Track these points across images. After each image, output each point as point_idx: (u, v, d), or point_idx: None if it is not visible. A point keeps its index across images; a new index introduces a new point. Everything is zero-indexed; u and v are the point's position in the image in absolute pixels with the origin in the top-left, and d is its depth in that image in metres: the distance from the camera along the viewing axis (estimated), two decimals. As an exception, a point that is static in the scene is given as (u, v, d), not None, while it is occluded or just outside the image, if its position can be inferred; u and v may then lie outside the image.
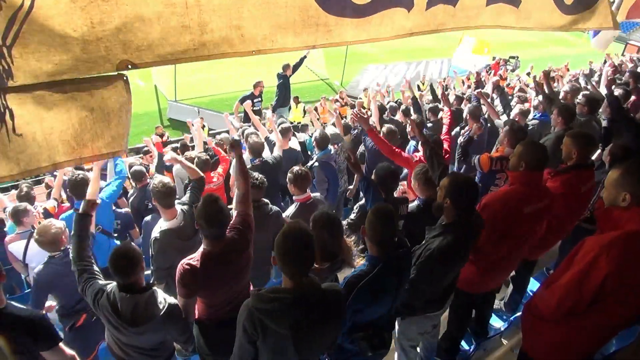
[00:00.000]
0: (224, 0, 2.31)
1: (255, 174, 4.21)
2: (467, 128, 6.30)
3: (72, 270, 3.07)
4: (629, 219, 2.36)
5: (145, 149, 9.55)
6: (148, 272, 4.01)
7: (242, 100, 10.70)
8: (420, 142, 4.43)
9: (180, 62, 2.36)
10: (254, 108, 10.97)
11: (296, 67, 11.86)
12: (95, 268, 3.06)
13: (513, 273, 4.23)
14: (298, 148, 6.83)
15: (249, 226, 3.17)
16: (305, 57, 11.89)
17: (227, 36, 2.41)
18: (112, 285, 2.83)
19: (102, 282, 2.94)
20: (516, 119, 6.55)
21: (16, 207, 4.95)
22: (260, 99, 11.26)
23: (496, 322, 4.41)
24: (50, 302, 3.87)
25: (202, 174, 4.26)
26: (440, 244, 2.91)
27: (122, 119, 2.44)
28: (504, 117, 7.35)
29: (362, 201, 4.02)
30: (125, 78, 2.32)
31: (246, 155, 5.87)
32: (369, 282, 2.57)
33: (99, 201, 3.66)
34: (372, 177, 3.84)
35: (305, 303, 2.23)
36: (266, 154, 5.73)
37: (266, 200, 4.19)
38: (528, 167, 3.23)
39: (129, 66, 2.21)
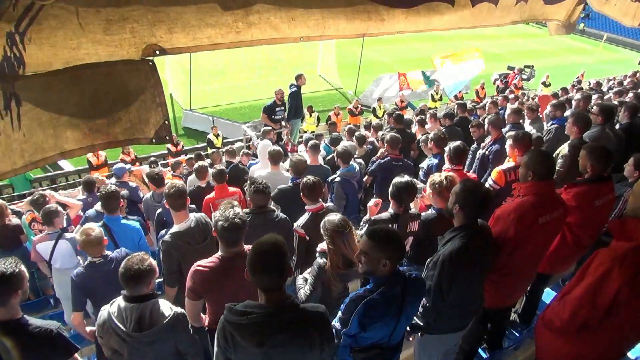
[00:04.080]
0: None
1: (259, 179, 4.19)
2: (489, 139, 6.28)
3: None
4: None
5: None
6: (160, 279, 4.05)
7: (265, 111, 10.86)
8: None
9: (217, 47, 2.15)
10: (276, 117, 11.04)
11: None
12: None
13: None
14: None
15: None
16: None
17: (276, 18, 2.20)
18: (113, 304, 2.83)
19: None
20: (510, 120, 6.53)
21: (48, 208, 5.01)
22: (282, 107, 11.31)
23: (510, 334, 4.36)
24: (90, 327, 3.83)
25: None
26: (451, 248, 2.90)
27: (147, 104, 2.20)
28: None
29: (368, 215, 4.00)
30: (151, 63, 2.09)
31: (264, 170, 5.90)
32: (371, 302, 2.54)
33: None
34: (390, 189, 3.80)
35: (277, 320, 2.16)
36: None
37: (272, 207, 4.16)
38: (536, 176, 3.21)
39: (157, 52, 2.01)
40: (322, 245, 3.18)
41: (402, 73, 17.50)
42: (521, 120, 7.27)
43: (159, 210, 5.29)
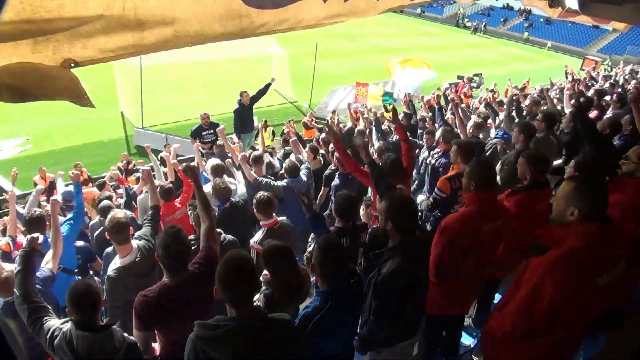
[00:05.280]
0: (158, 3, 2.39)
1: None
2: (437, 150, 6.41)
3: (19, 311, 2.94)
4: (568, 236, 2.39)
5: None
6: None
7: (192, 135, 10.80)
8: (366, 163, 4.34)
9: (122, 57, 2.45)
10: (204, 140, 10.84)
11: (259, 94, 12.15)
12: (45, 305, 2.93)
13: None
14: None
15: (214, 261, 3.08)
16: (270, 84, 12.22)
17: (163, 33, 2.51)
18: (69, 324, 2.71)
19: (57, 320, 2.81)
20: (470, 131, 6.70)
21: None
22: (211, 130, 11.02)
23: (466, 340, 4.41)
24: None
25: (157, 203, 4.21)
26: (389, 269, 2.91)
27: (64, 79, 2.31)
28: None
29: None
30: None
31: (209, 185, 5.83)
32: (322, 318, 2.52)
33: (41, 239, 3.48)
34: (333, 205, 3.82)
35: (249, 331, 2.19)
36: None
37: (219, 230, 4.10)
38: (477, 186, 3.29)
39: (72, 65, 2.24)
40: (266, 274, 3.14)
41: (364, 84, 17.69)
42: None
43: (100, 229, 5.17)
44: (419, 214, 3.12)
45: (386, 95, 17.65)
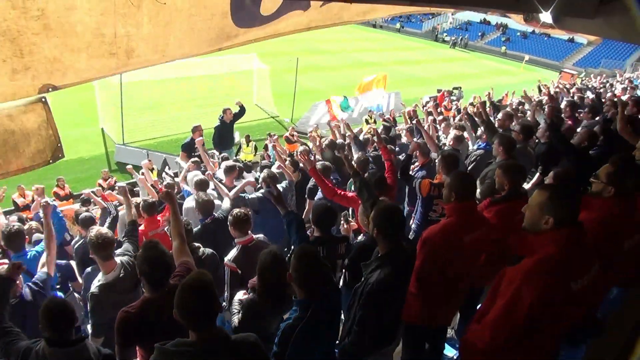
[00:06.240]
0: (153, 30, 2.40)
1: (185, 219, 4.09)
2: (417, 163, 6.49)
3: None
4: (542, 244, 2.42)
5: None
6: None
7: (184, 149, 10.51)
8: (351, 175, 4.36)
9: (100, 78, 2.58)
10: (196, 154, 10.78)
11: (238, 115, 12.36)
12: (16, 329, 2.88)
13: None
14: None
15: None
16: (242, 107, 12.42)
17: (151, 58, 2.57)
18: (40, 343, 2.67)
19: (27, 341, 2.76)
20: (450, 143, 6.78)
21: None
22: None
23: (449, 352, 4.42)
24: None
25: (134, 218, 4.20)
26: (378, 278, 2.92)
27: (42, 136, 2.59)
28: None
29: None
30: (43, 100, 2.46)
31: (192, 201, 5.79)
32: (305, 326, 2.52)
33: (24, 266, 3.44)
34: (311, 214, 3.85)
35: (210, 356, 2.15)
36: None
37: (197, 244, 4.08)
38: (458, 197, 3.32)
39: (50, 89, 2.34)
40: (253, 280, 3.14)
41: (328, 100, 18.00)
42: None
43: (80, 242, 5.10)
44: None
45: (344, 107, 17.99)
